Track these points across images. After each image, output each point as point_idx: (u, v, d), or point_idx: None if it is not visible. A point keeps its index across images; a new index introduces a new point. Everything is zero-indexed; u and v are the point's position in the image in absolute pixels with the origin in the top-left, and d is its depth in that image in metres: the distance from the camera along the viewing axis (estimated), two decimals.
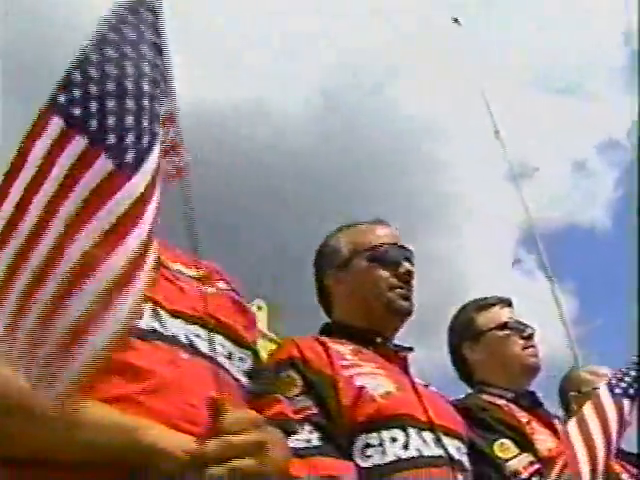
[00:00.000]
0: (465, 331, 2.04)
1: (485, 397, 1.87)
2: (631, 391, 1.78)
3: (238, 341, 1.17)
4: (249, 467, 0.89)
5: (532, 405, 1.89)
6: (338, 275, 1.65)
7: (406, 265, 1.62)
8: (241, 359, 1.17)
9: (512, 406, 1.84)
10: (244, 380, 1.16)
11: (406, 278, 1.61)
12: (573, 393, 2.51)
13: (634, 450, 2.64)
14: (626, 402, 1.75)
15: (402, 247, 1.65)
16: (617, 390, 1.78)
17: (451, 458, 1.41)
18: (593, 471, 1.54)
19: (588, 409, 1.71)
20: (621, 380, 1.80)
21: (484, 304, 2.06)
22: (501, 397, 1.87)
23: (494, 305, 2.06)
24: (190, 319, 1.11)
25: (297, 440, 1.30)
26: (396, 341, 1.64)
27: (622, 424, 1.71)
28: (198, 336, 1.10)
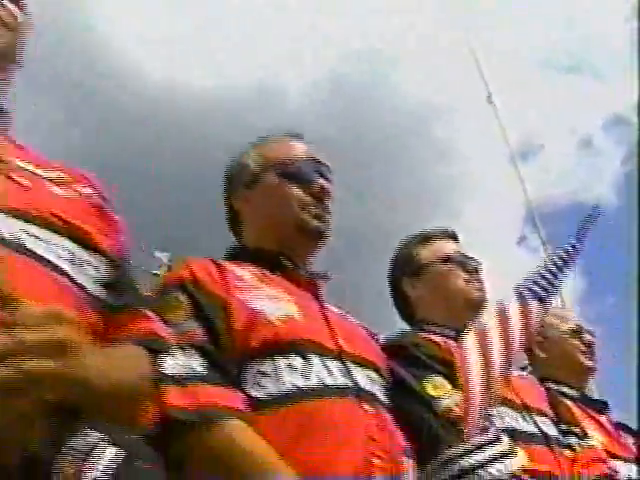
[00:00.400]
0: (406, 266, 1.87)
1: (422, 334, 1.70)
2: (542, 294, 1.58)
3: (87, 244, 1.01)
4: (42, 369, 0.72)
5: None
6: (246, 194, 1.48)
7: (321, 182, 1.45)
8: (90, 263, 1.01)
9: (451, 343, 1.67)
10: (93, 288, 1.00)
11: (320, 196, 1.44)
12: (538, 338, 2.36)
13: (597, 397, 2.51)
14: (534, 304, 1.55)
15: (318, 162, 1.48)
16: (526, 293, 1.57)
17: (360, 388, 1.24)
18: (485, 389, 1.33)
19: (490, 318, 1.50)
20: (533, 283, 1.60)
21: (426, 237, 1.89)
22: (440, 334, 1.70)
23: (437, 238, 1.89)
24: (24, 216, 0.95)
25: (178, 366, 1.15)
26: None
27: (527, 329, 1.51)
28: (30, 234, 0.94)
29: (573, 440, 1.71)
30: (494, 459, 1.42)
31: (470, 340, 1.40)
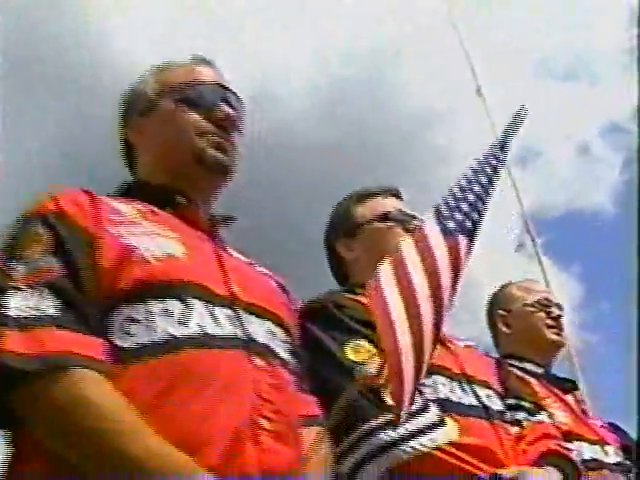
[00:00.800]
0: (341, 226, 1.68)
1: (349, 295, 1.51)
2: (468, 224, 1.26)
3: None
4: None
5: None
6: (140, 123, 1.28)
7: (224, 108, 1.25)
8: None
9: None
10: None
11: (224, 124, 1.24)
12: (501, 311, 2.18)
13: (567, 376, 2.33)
14: (462, 239, 1.23)
15: (224, 87, 1.29)
16: (450, 225, 1.24)
17: (252, 340, 1.05)
18: (417, 345, 1.07)
19: (407, 247, 1.19)
20: (458, 210, 1.27)
21: (365, 194, 1.70)
22: None
23: (377, 195, 1.69)
24: None
25: (26, 307, 0.95)
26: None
27: (458, 268, 1.20)
28: None
29: (521, 415, 1.51)
30: (419, 432, 1.22)
31: (387, 282, 1.12)
